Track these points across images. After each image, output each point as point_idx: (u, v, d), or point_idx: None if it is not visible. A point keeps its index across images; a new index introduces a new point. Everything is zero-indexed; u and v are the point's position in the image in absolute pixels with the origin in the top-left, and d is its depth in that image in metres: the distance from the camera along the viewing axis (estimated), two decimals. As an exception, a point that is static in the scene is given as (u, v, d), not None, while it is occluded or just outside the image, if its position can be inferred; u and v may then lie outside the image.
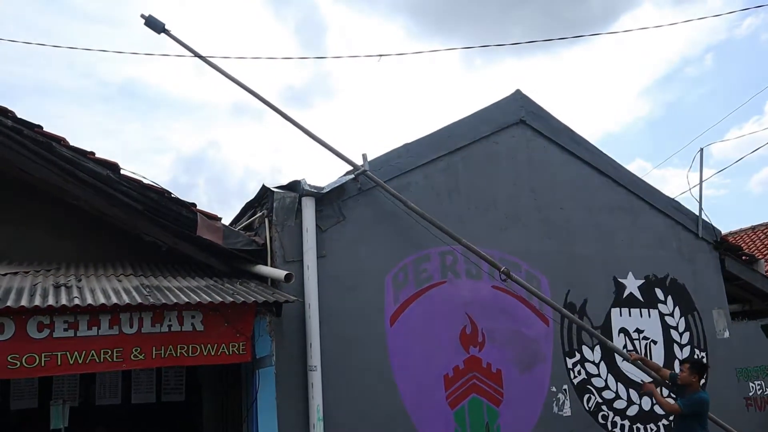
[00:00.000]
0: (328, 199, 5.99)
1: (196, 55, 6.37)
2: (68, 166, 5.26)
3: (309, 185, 5.84)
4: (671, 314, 7.95)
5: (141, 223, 5.61)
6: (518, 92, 7.50)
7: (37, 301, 4.36)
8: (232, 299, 4.76)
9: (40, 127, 5.27)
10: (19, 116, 5.23)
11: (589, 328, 6.96)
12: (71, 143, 5.31)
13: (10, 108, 5.20)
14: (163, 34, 6.46)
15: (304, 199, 5.82)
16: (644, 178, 8.38)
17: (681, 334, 7.94)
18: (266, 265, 5.66)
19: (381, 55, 6.47)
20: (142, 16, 6.39)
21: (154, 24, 6.46)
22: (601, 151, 7.94)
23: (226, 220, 6.02)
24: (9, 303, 4.25)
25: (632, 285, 7.75)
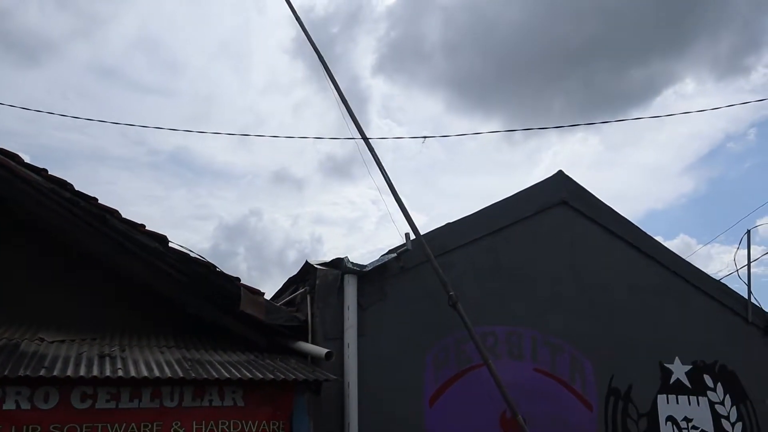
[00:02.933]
0: (370, 277, 6.02)
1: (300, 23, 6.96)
2: (119, 237, 5.43)
3: (352, 263, 5.90)
4: (721, 403, 7.63)
5: (186, 295, 5.70)
6: (560, 173, 7.53)
7: (82, 371, 4.42)
8: (273, 377, 4.76)
9: (95, 199, 5.48)
10: (76, 188, 5.46)
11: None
12: (121, 210, 5.50)
13: (68, 180, 5.45)
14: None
15: (346, 276, 5.86)
16: (690, 256, 8.25)
17: (733, 425, 7.59)
18: (307, 341, 5.68)
19: (425, 137, 6.59)
20: None
21: None
22: (645, 233, 7.85)
23: (266, 288, 6.09)
24: (55, 372, 4.33)
25: (679, 371, 7.49)
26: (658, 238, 8.09)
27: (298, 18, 7.11)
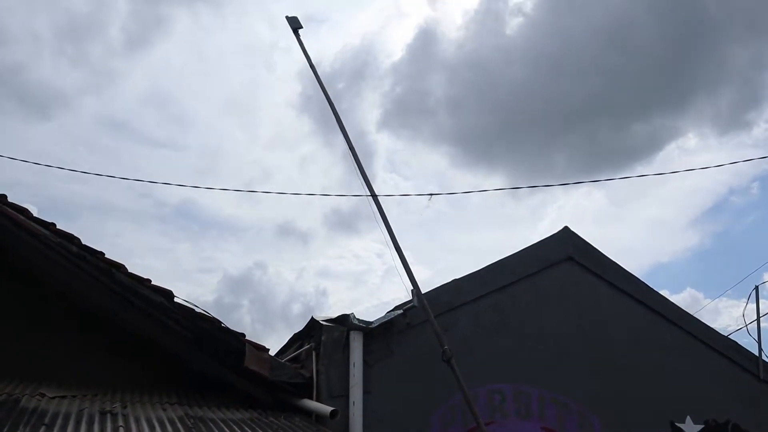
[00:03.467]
0: (376, 334, 5.98)
1: (313, 70, 7.02)
2: (125, 292, 5.42)
3: (357, 319, 5.87)
4: (735, 465, 7.44)
5: (190, 350, 5.65)
6: (566, 229, 7.54)
7: (83, 429, 4.36)
8: (276, 436, 4.69)
9: (102, 254, 5.49)
10: (83, 242, 5.47)
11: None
12: (127, 262, 5.52)
13: (74, 232, 5.48)
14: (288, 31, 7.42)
15: (352, 333, 5.83)
16: (698, 311, 8.17)
17: (748, 488, 7.39)
18: (312, 398, 5.60)
19: (431, 195, 6.62)
20: (286, 17, 7.39)
21: (294, 22, 7.40)
22: (652, 289, 7.80)
23: (269, 341, 6.05)
24: (55, 430, 4.27)
25: (691, 430, 7.33)
26: (664, 292, 8.07)
27: (313, 67, 7.21)
